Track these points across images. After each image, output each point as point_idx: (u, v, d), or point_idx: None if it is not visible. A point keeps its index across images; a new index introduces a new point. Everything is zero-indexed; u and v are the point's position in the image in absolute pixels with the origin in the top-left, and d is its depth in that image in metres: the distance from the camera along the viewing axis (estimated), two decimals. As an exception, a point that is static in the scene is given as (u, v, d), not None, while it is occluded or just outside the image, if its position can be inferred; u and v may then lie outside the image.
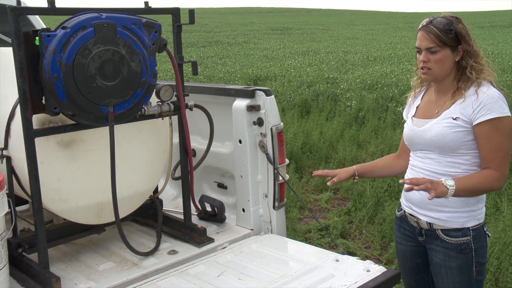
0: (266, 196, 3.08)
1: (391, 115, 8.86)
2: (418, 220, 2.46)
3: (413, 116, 2.51)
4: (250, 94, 2.98)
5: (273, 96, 2.99)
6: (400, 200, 2.63)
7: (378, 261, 4.43)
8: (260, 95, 2.97)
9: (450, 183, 2.19)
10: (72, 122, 2.43)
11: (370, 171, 2.77)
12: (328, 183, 2.60)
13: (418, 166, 2.45)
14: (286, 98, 10.48)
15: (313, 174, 2.70)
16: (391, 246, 4.53)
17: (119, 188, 2.54)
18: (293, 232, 4.89)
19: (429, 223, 2.42)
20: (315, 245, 3.75)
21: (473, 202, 2.35)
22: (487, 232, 2.43)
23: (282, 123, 3.02)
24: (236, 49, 25.51)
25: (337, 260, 2.61)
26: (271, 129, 2.96)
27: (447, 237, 2.38)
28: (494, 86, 2.30)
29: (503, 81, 10.70)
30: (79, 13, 2.31)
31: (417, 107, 2.53)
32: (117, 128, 2.50)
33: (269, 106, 2.96)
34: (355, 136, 8.02)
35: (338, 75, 13.26)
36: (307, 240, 4.80)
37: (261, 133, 3.00)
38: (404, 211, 2.57)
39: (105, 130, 2.46)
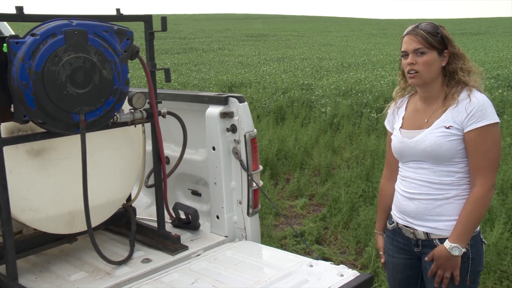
0: (240, 202, 3.08)
1: (365, 121, 8.94)
2: (414, 231, 2.42)
3: (401, 127, 2.47)
4: (223, 101, 2.99)
5: (246, 102, 3.00)
6: (391, 212, 2.58)
7: (353, 266, 4.46)
8: (233, 101, 2.97)
9: (457, 252, 2.26)
10: (42, 130, 2.40)
11: (385, 218, 2.68)
12: (382, 261, 2.68)
13: (411, 177, 2.41)
14: (261, 105, 10.50)
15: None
16: (366, 251, 4.56)
17: (91, 196, 2.51)
18: (269, 238, 4.89)
19: (426, 233, 2.38)
20: (291, 252, 3.75)
21: None
22: (483, 239, 2.41)
23: (255, 130, 3.02)
24: (211, 55, 25.52)
25: (311, 266, 2.62)
26: (245, 135, 2.96)
27: None
28: (482, 93, 2.30)
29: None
30: (48, 20, 2.28)
31: (403, 118, 2.49)
32: (89, 136, 2.48)
33: (242, 113, 2.96)
34: (330, 142, 8.07)
35: (313, 82, 13.35)
36: (282, 247, 4.80)
37: (234, 140, 3.00)
38: (397, 223, 2.52)
39: (77, 138, 2.43)
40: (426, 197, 2.36)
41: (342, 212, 5.37)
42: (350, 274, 2.48)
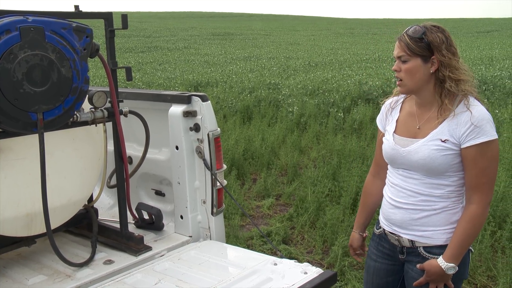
0: (204, 202, 3.06)
1: (332, 120, 9.00)
2: (399, 238, 2.38)
3: (394, 132, 2.39)
4: (186, 100, 2.96)
5: (209, 101, 2.98)
6: (379, 218, 2.55)
7: (320, 265, 4.47)
8: (196, 100, 2.95)
9: (452, 271, 2.23)
10: (-2, 129, 2.33)
11: (368, 217, 2.68)
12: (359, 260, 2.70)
13: (400, 186, 2.36)
14: (228, 105, 10.47)
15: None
16: (332, 250, 4.59)
17: (50, 197, 2.44)
18: (235, 239, 4.87)
19: (411, 241, 2.34)
20: (257, 252, 3.74)
21: (455, 219, 2.27)
22: (470, 248, 2.34)
23: (219, 129, 3.01)
24: (176, 54, 25.37)
25: (275, 264, 2.62)
26: (208, 134, 2.94)
27: (428, 255, 2.31)
28: (480, 102, 2.22)
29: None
30: (2, 15, 2.21)
31: (397, 121, 2.41)
32: (49, 135, 2.42)
33: (205, 112, 2.94)
34: (297, 142, 8.09)
35: (280, 81, 13.39)
36: (249, 247, 4.79)
37: (198, 139, 2.98)
38: (384, 229, 2.48)
39: (35, 138, 2.36)
40: (412, 207, 2.32)
41: (309, 211, 5.39)
42: (314, 271, 2.49)
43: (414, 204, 2.31)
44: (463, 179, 2.24)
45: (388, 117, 2.48)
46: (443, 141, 2.19)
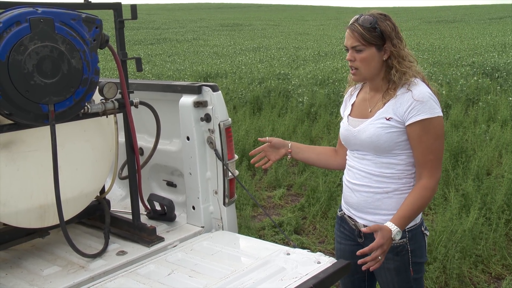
0: (216, 192, 3.05)
1: (342, 109, 8.94)
2: (356, 223, 2.46)
3: (349, 115, 2.49)
4: (197, 90, 2.94)
5: (220, 91, 2.96)
6: (342, 201, 2.61)
7: (332, 255, 4.44)
8: (207, 90, 2.93)
9: (394, 229, 2.16)
10: (10, 121, 2.33)
11: (305, 151, 2.72)
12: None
13: (355, 167, 2.43)
14: (238, 95, 10.46)
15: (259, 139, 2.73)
16: (344, 239, 4.57)
17: (63, 189, 2.44)
18: (247, 229, 4.87)
19: (366, 226, 2.38)
20: (269, 242, 3.73)
21: None
22: (424, 231, 2.42)
23: (230, 119, 2.99)
24: (185, 46, 25.37)
25: (288, 254, 2.61)
26: (219, 124, 2.92)
27: None
28: (425, 83, 2.29)
29: (449, 74, 11.00)
30: (11, 7, 2.21)
31: (352, 105, 2.51)
32: (59, 127, 2.41)
33: (216, 102, 2.92)
34: (308, 132, 8.06)
35: (290, 71, 13.34)
36: (261, 237, 4.79)
37: (209, 129, 2.97)
38: (344, 212, 2.56)
39: (46, 129, 2.36)
40: (366, 190, 2.38)
41: (320, 201, 5.38)
42: (327, 261, 2.47)
43: (367, 186, 2.38)
44: (412, 158, 2.31)
45: (346, 103, 2.58)
46: (388, 119, 2.27)
